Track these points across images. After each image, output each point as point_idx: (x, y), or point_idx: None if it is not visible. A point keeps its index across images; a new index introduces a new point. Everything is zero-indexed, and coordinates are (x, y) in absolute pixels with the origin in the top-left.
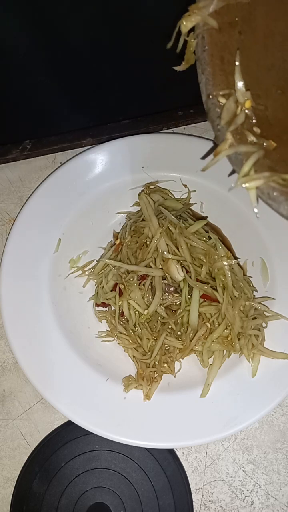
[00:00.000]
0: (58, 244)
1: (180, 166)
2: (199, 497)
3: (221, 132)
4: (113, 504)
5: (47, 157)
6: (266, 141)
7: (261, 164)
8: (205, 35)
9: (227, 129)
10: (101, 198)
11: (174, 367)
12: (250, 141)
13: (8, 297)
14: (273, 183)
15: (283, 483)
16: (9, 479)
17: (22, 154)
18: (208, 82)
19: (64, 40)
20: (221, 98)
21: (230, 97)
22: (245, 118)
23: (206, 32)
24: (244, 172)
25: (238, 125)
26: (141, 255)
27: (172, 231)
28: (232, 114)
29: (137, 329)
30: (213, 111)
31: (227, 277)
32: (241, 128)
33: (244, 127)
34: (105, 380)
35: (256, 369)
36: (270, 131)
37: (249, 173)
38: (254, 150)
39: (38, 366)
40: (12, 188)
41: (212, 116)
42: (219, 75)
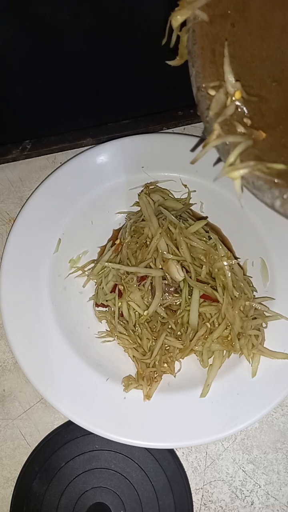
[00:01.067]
0: (58, 244)
1: (180, 166)
2: (199, 497)
3: (209, 124)
4: (113, 504)
5: (47, 157)
6: (255, 132)
7: (248, 154)
8: (195, 28)
9: (215, 120)
10: (101, 198)
11: (174, 367)
12: (239, 132)
13: (8, 297)
14: (257, 172)
15: (283, 483)
16: (9, 479)
17: (22, 154)
18: (198, 74)
19: (64, 40)
20: (211, 90)
21: (220, 89)
22: (235, 109)
23: (196, 25)
24: (230, 161)
25: (227, 116)
26: (141, 255)
27: (172, 231)
28: (221, 106)
29: (137, 329)
30: (202, 103)
31: (227, 277)
32: (231, 119)
33: (233, 118)
34: (105, 380)
35: (256, 369)
36: (262, 122)
37: (235, 162)
38: (242, 140)
39: (38, 366)
40: (12, 188)
41: (201, 108)
42: (209, 68)
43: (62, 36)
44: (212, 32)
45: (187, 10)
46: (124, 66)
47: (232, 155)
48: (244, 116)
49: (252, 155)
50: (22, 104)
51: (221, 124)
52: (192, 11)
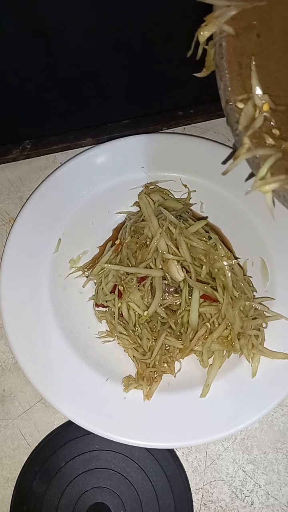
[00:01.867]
0: (58, 244)
1: (180, 166)
2: (199, 497)
3: (239, 137)
4: (113, 504)
5: (47, 157)
6: (284, 143)
7: (278, 167)
8: (222, 42)
9: (244, 134)
10: (101, 198)
11: (174, 367)
12: (268, 144)
13: (8, 297)
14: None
15: (283, 483)
16: (9, 479)
17: (22, 154)
18: (226, 88)
19: (64, 40)
20: (239, 103)
21: (248, 101)
22: (263, 121)
23: (223, 39)
24: (261, 175)
25: (256, 129)
26: (141, 256)
27: (172, 231)
28: (250, 118)
29: (137, 329)
30: (231, 117)
31: (227, 277)
32: (259, 131)
33: (262, 130)
34: (105, 380)
35: (256, 369)
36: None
37: (266, 176)
38: (271, 153)
39: (38, 366)
40: (12, 188)
41: (231, 121)
42: (237, 81)
43: (62, 36)
44: (238, 45)
45: (213, 25)
46: (124, 66)
47: (263, 169)
48: (273, 127)
49: (282, 167)
50: (22, 104)
51: (250, 137)
52: (218, 26)
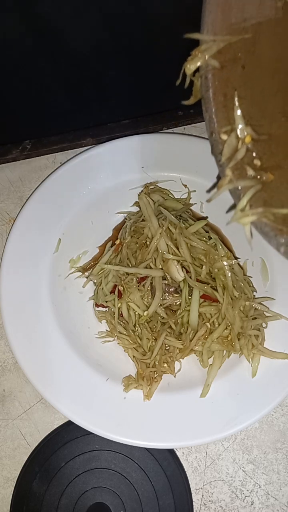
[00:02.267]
0: (58, 244)
1: (180, 166)
2: (199, 497)
3: (222, 168)
4: (113, 504)
5: (47, 157)
6: (264, 174)
7: (257, 198)
8: (208, 75)
9: (227, 165)
10: (101, 198)
11: (174, 367)
12: (249, 175)
13: (8, 297)
14: (265, 219)
15: (283, 483)
16: (9, 479)
17: (22, 154)
18: (211, 120)
19: (64, 40)
20: (223, 134)
21: (232, 133)
22: (245, 152)
23: (209, 72)
24: (240, 207)
25: (238, 160)
26: (141, 256)
27: (172, 231)
28: (233, 150)
29: (137, 329)
30: (215, 147)
31: (227, 277)
32: (241, 162)
33: (244, 161)
34: (105, 380)
35: (256, 369)
36: (271, 161)
37: (245, 208)
38: (252, 184)
39: (38, 366)
40: (12, 188)
41: (215, 151)
42: (222, 112)
43: (62, 36)
44: (223, 77)
45: (199, 59)
46: (124, 66)
47: (242, 202)
48: (254, 157)
49: (261, 200)
50: (22, 104)
51: (232, 168)
52: (204, 59)
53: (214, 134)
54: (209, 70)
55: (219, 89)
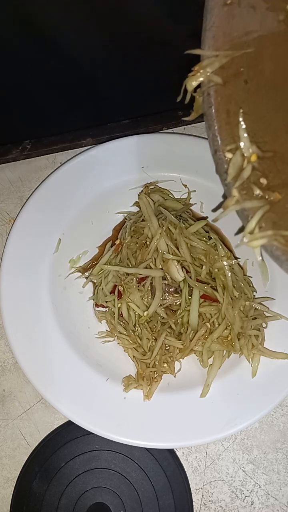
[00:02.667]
0: (58, 244)
1: (180, 166)
2: (199, 497)
3: (228, 187)
4: (113, 504)
5: (47, 157)
6: (271, 194)
7: (266, 219)
8: (210, 91)
9: (233, 185)
10: (101, 198)
11: (174, 367)
12: (256, 195)
13: (8, 297)
14: (275, 242)
15: (283, 483)
16: (9, 479)
17: (22, 154)
18: (215, 138)
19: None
20: (228, 153)
21: (237, 151)
22: (251, 171)
23: (211, 88)
24: (249, 230)
25: (244, 180)
26: (141, 256)
27: (172, 231)
28: (239, 169)
29: (137, 329)
30: (220, 166)
31: (227, 277)
32: (247, 182)
33: (250, 180)
34: (105, 380)
35: (256, 369)
36: (278, 179)
37: (254, 230)
38: (259, 205)
39: (38, 366)
40: (12, 188)
41: (219, 170)
42: (225, 129)
43: (62, 36)
44: (226, 93)
45: (201, 75)
46: (124, 65)
47: (251, 224)
48: (261, 176)
49: (270, 221)
50: (22, 104)
51: (239, 188)
52: (206, 76)
53: (218, 152)
54: (211, 87)
55: (222, 106)
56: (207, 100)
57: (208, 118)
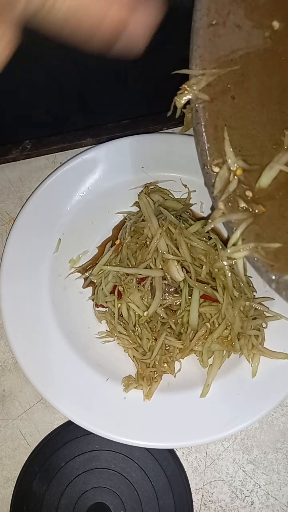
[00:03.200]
0: (58, 244)
1: (180, 166)
2: (199, 497)
3: (215, 200)
4: (113, 504)
5: (47, 157)
6: (256, 206)
7: (249, 232)
8: (198, 108)
9: (219, 198)
10: (101, 198)
11: (174, 367)
12: (241, 208)
13: (8, 297)
14: (256, 254)
15: (283, 483)
16: (9, 479)
17: (22, 154)
18: (203, 153)
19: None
20: (215, 167)
21: (224, 165)
22: (237, 184)
23: (199, 105)
24: (233, 242)
25: (230, 193)
26: (141, 256)
27: (172, 231)
28: (225, 182)
29: (137, 329)
30: (208, 180)
31: (227, 277)
32: (233, 195)
33: (236, 193)
34: (105, 380)
35: (256, 369)
36: (263, 191)
37: (237, 242)
38: (244, 217)
39: (38, 366)
40: (12, 188)
41: (208, 184)
42: (213, 144)
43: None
44: (214, 109)
45: (189, 93)
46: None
47: (234, 236)
48: (246, 188)
49: (252, 233)
50: (22, 104)
51: (225, 201)
52: (193, 93)
53: (206, 167)
54: (199, 104)
55: (209, 122)
56: (195, 116)
57: (197, 133)
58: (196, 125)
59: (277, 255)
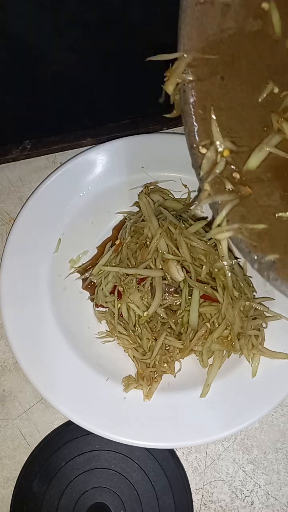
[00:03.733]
0: (58, 244)
1: (180, 166)
2: (199, 497)
3: (201, 182)
4: (113, 504)
5: (47, 157)
6: (242, 188)
7: (234, 213)
8: (186, 89)
9: (205, 180)
10: (101, 198)
11: (174, 367)
12: (227, 189)
13: (8, 297)
14: (240, 235)
15: (283, 483)
16: (9, 479)
17: (22, 154)
18: (191, 133)
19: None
20: (202, 148)
21: (211, 146)
22: (224, 166)
23: (187, 86)
24: (217, 223)
25: (217, 174)
26: (141, 256)
27: (172, 231)
28: (212, 164)
29: (137, 329)
30: (195, 161)
31: (227, 277)
32: (220, 176)
33: (223, 175)
34: (105, 380)
35: (256, 369)
36: (251, 173)
37: (222, 223)
38: (230, 199)
39: (38, 366)
40: (12, 188)
41: (194, 165)
42: (201, 125)
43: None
44: (202, 89)
45: (174, 78)
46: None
47: (219, 217)
48: (234, 170)
49: (238, 215)
50: (22, 104)
51: (211, 183)
52: (178, 77)
53: (193, 148)
54: (187, 84)
55: (198, 102)
56: (183, 97)
57: (184, 114)
58: (184, 105)
59: (261, 236)
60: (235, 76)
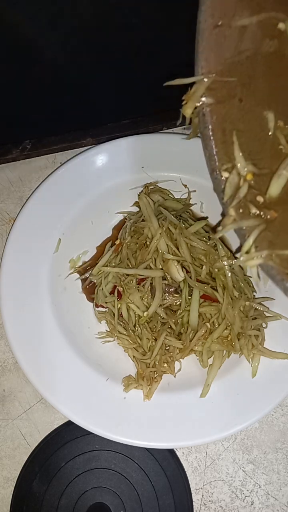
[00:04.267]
0: (58, 244)
1: (180, 166)
2: (199, 497)
3: (225, 206)
4: (113, 504)
5: (47, 157)
6: (267, 212)
7: (262, 239)
8: (205, 112)
9: (230, 204)
10: (101, 198)
11: (174, 367)
12: (252, 214)
13: (8, 297)
14: (271, 262)
15: (283, 483)
16: (9, 479)
17: (22, 154)
18: (211, 157)
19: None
20: (224, 172)
21: (233, 170)
22: (247, 189)
23: (205, 109)
24: (245, 249)
25: (241, 198)
26: (141, 256)
27: (172, 231)
28: (235, 187)
29: (137, 329)
30: (217, 185)
31: (227, 277)
32: (244, 200)
33: (247, 198)
34: (105, 380)
35: (256, 369)
36: (274, 196)
37: (250, 250)
38: (256, 224)
39: (38, 366)
40: (12, 188)
41: (217, 189)
42: (221, 148)
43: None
44: (221, 112)
45: (192, 102)
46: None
47: (247, 244)
48: (257, 194)
49: (265, 241)
50: (22, 104)
51: (235, 207)
52: (197, 101)
53: (215, 172)
54: (206, 107)
55: (217, 125)
56: (202, 121)
57: (204, 138)
58: (203, 129)
59: None
60: (252, 97)
